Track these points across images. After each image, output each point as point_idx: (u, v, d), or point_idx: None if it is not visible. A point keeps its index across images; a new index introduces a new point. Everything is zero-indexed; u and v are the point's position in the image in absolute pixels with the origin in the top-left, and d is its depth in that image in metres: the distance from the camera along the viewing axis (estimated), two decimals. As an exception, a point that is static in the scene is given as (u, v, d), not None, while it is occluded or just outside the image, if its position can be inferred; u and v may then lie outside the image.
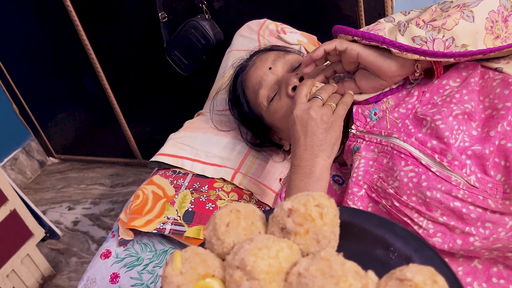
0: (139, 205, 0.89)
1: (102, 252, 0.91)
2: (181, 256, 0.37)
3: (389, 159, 0.69)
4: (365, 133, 0.76)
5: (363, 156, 0.73)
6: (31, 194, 2.13)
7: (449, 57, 0.67)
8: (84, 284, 0.87)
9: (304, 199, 0.37)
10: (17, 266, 1.51)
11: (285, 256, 0.34)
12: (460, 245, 0.61)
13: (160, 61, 1.58)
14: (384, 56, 0.70)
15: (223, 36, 1.42)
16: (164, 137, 1.19)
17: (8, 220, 1.45)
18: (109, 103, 1.87)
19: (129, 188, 2.00)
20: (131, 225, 0.86)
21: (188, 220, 0.86)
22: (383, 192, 0.68)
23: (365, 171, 0.71)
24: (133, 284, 0.84)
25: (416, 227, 0.64)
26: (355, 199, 0.70)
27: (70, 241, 1.82)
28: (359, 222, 0.42)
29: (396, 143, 0.69)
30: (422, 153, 0.66)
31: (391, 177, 0.68)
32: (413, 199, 0.64)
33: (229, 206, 0.40)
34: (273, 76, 0.84)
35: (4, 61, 1.96)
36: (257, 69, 0.87)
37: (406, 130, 0.70)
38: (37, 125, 2.17)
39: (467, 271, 0.63)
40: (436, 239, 0.63)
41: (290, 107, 0.79)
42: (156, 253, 0.89)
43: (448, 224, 0.62)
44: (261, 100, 0.86)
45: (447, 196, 0.62)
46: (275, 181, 0.95)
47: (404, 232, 0.40)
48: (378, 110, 0.76)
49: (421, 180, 0.64)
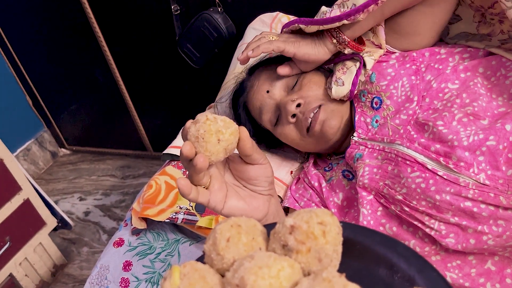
0: (152, 194, 0.90)
1: (115, 241, 0.92)
2: (179, 271, 0.36)
3: (394, 166, 0.69)
4: (367, 140, 0.76)
5: (367, 163, 0.73)
6: (43, 184, 2.16)
7: (336, 20, 0.71)
8: (98, 271, 0.89)
9: (306, 216, 0.36)
10: (29, 254, 1.54)
11: (286, 276, 0.33)
12: (473, 245, 0.61)
13: (172, 53, 1.59)
14: (313, 45, 0.77)
15: (235, 29, 1.42)
16: (175, 129, 1.20)
17: (22, 209, 1.47)
18: (120, 95, 1.88)
19: (140, 180, 2.02)
20: (144, 214, 0.87)
21: (200, 210, 0.87)
22: (391, 198, 0.68)
23: (370, 179, 0.71)
24: (145, 272, 0.86)
25: (428, 229, 0.64)
26: (364, 202, 0.71)
27: (81, 231, 1.85)
28: (362, 239, 0.41)
29: (400, 149, 0.69)
30: (426, 158, 0.66)
31: (398, 184, 0.68)
32: (423, 203, 0.64)
33: (230, 220, 0.39)
34: (272, 100, 0.84)
35: (18, 53, 1.99)
36: (255, 93, 0.87)
37: (408, 136, 0.70)
38: (50, 116, 2.20)
39: (480, 272, 0.63)
40: (449, 239, 0.62)
41: (295, 134, 0.82)
42: (168, 242, 0.90)
43: (460, 224, 0.62)
44: (265, 124, 0.87)
45: (457, 198, 0.62)
46: (286, 174, 0.95)
47: (408, 251, 0.39)
48: (379, 117, 0.76)
49: (429, 185, 0.64)
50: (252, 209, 0.55)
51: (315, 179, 0.84)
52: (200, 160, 0.45)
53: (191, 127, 0.46)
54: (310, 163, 0.90)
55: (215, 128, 0.45)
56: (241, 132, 0.48)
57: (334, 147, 0.85)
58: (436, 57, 0.77)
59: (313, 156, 0.93)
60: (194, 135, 0.45)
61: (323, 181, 0.82)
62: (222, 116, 0.46)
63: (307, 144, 0.83)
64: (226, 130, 0.45)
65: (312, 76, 0.83)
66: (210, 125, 0.45)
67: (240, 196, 0.54)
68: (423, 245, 0.65)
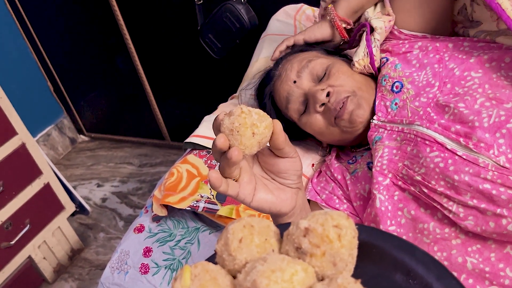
0: (173, 182, 0.91)
1: (136, 227, 0.93)
2: (190, 272, 0.35)
3: (413, 146, 0.69)
4: (386, 122, 0.76)
5: (386, 145, 0.73)
6: (62, 170, 2.19)
7: None
8: (118, 256, 0.90)
9: (322, 219, 0.35)
10: (48, 237, 1.57)
11: (299, 280, 0.32)
12: (493, 228, 0.60)
13: (193, 43, 1.59)
14: (318, 26, 0.90)
15: (257, 20, 1.41)
16: (193, 119, 1.20)
17: (42, 193, 1.50)
18: (140, 84, 1.90)
19: (157, 169, 2.04)
20: (166, 201, 0.87)
21: (221, 199, 0.87)
22: (409, 180, 0.68)
23: (389, 160, 0.71)
24: (165, 258, 0.87)
25: (446, 211, 0.64)
26: (381, 188, 0.71)
27: (98, 217, 1.87)
28: (378, 243, 0.40)
29: (419, 130, 0.69)
30: (446, 138, 0.66)
31: (416, 164, 0.68)
32: (441, 183, 0.64)
33: (243, 220, 0.38)
34: (299, 90, 0.84)
35: (42, 40, 2.01)
36: (282, 82, 0.87)
37: (428, 117, 0.70)
38: (70, 103, 2.23)
39: (500, 257, 0.62)
40: (468, 222, 0.62)
41: (322, 123, 0.82)
42: (188, 230, 0.91)
43: (478, 207, 0.61)
44: (291, 114, 0.87)
45: (475, 179, 0.61)
46: (307, 167, 0.95)
47: (426, 257, 0.38)
48: (398, 100, 0.77)
49: (448, 165, 0.64)
50: (281, 202, 0.54)
51: (338, 172, 0.84)
52: (235, 154, 0.44)
53: (224, 119, 0.46)
54: (333, 156, 0.89)
55: (250, 121, 0.44)
56: (275, 126, 0.48)
57: (357, 139, 0.84)
58: (459, 48, 0.77)
59: (336, 149, 0.93)
60: (228, 127, 0.45)
61: (347, 174, 0.82)
62: (257, 109, 0.46)
63: (332, 133, 0.83)
64: (261, 123, 0.45)
65: (340, 66, 0.83)
66: (245, 118, 0.44)
67: (268, 189, 0.54)
68: (443, 227, 0.65)
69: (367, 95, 0.81)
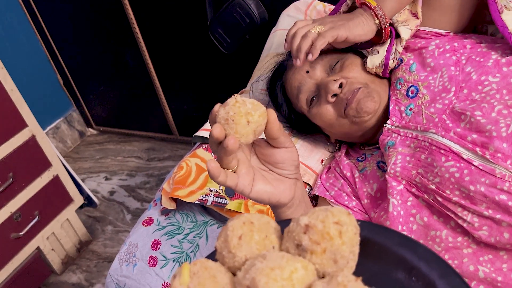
0: (182, 176, 0.91)
1: (144, 219, 0.94)
2: (189, 269, 0.35)
3: (428, 154, 0.68)
4: (400, 128, 0.75)
5: (400, 152, 0.73)
6: (71, 162, 2.21)
7: None
8: (127, 248, 0.90)
9: (322, 215, 0.34)
10: (57, 229, 1.58)
11: (299, 278, 0.31)
12: (507, 239, 0.60)
13: (203, 38, 1.59)
14: (362, 25, 0.76)
15: (267, 16, 1.41)
16: (202, 114, 1.20)
17: (51, 185, 1.51)
18: (149, 78, 1.90)
19: (165, 163, 2.05)
20: (175, 194, 0.88)
21: (230, 194, 0.87)
22: (423, 187, 0.68)
23: (403, 167, 0.71)
24: (173, 251, 0.87)
25: (460, 221, 0.63)
26: (394, 192, 0.70)
27: (106, 210, 1.88)
28: (380, 239, 0.39)
29: (434, 138, 0.68)
30: (462, 147, 0.65)
31: (431, 173, 0.67)
32: (456, 193, 0.63)
33: (242, 217, 0.38)
34: (312, 80, 0.83)
35: (52, 33, 2.02)
36: (295, 72, 0.86)
37: (444, 124, 0.69)
38: (79, 96, 2.24)
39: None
40: (482, 232, 0.62)
41: (332, 113, 0.81)
42: (197, 223, 0.91)
43: (493, 218, 0.61)
44: (301, 104, 0.86)
45: (491, 189, 0.60)
46: (316, 162, 0.95)
47: (428, 254, 0.37)
48: (413, 105, 0.75)
49: (464, 175, 0.63)
50: (279, 193, 0.55)
51: (347, 169, 0.83)
52: (230, 142, 0.45)
53: (220, 109, 0.47)
54: (342, 153, 0.89)
55: (244, 110, 0.45)
56: (269, 114, 0.48)
57: (366, 135, 0.84)
58: (477, 49, 0.75)
59: (345, 146, 0.92)
60: (223, 117, 0.46)
61: (356, 171, 0.82)
62: (251, 99, 0.47)
63: (341, 126, 0.82)
64: (255, 112, 0.46)
65: (353, 59, 0.82)
66: (239, 107, 0.45)
67: (267, 180, 0.54)
68: (456, 235, 0.65)
69: (380, 89, 0.80)
